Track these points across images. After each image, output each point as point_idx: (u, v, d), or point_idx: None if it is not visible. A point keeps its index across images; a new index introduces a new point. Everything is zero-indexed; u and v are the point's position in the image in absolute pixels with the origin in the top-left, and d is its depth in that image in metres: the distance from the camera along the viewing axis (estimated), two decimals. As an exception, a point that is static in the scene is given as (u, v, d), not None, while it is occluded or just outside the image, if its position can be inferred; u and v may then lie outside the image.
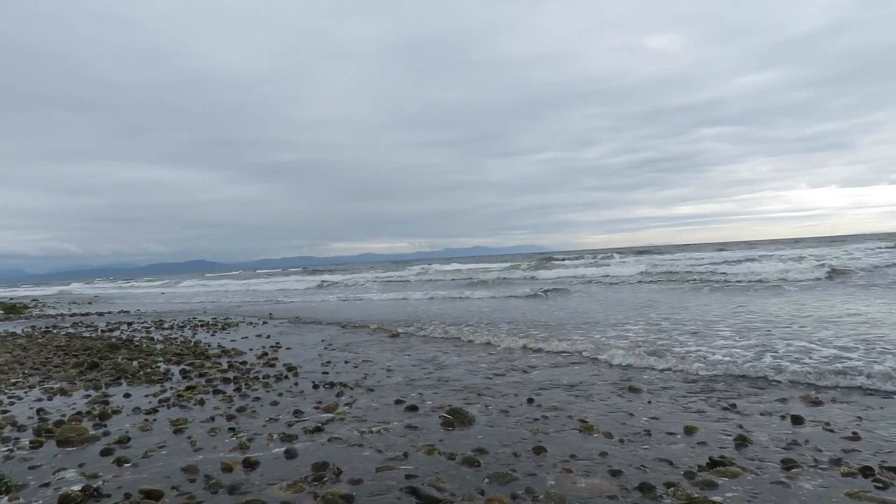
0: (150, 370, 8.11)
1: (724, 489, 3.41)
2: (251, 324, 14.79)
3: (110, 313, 21.80)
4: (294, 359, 8.78)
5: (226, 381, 7.16)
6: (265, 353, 9.43)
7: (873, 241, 40.60)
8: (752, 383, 5.97)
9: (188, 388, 6.69)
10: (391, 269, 51.96)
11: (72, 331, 14.92)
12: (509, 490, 3.47)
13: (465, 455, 4.06)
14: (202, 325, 14.78)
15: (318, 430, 4.84)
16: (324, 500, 3.36)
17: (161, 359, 9.22)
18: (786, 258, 26.49)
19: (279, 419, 5.26)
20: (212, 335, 12.56)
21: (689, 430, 4.48)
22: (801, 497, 3.29)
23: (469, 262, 52.14)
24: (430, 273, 39.27)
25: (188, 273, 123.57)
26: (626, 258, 37.83)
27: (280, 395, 6.29)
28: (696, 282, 19.97)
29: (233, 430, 4.92)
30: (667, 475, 3.63)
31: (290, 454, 4.23)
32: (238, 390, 6.56)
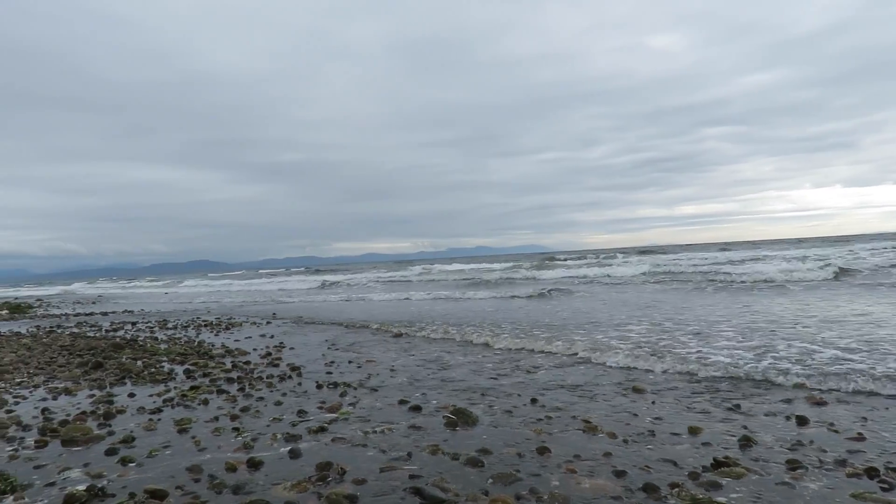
0: (154, 370, 8.13)
1: (729, 490, 3.40)
2: (255, 324, 14.81)
3: (114, 313, 21.87)
4: (298, 359, 8.80)
5: (230, 381, 7.17)
6: (269, 353, 9.45)
7: (878, 241, 40.49)
8: (757, 384, 5.95)
9: (192, 388, 6.71)
10: (394, 269, 51.98)
11: (76, 330, 14.97)
12: (513, 490, 3.47)
13: (468, 455, 4.06)
14: (206, 325, 14.81)
15: (322, 430, 4.84)
16: (328, 500, 3.37)
17: (165, 359, 9.25)
18: (790, 258, 26.42)
19: (283, 419, 5.27)
20: (215, 335, 12.59)
21: (693, 431, 4.48)
22: (805, 498, 3.28)
23: (472, 262, 52.14)
24: (433, 273, 39.28)
25: (191, 273, 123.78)
26: (629, 258, 37.79)
27: (284, 395, 6.30)
28: (699, 282, 19.94)
29: (237, 429, 4.93)
30: (671, 476, 3.62)
31: (294, 454, 4.24)
32: (242, 390, 6.58)
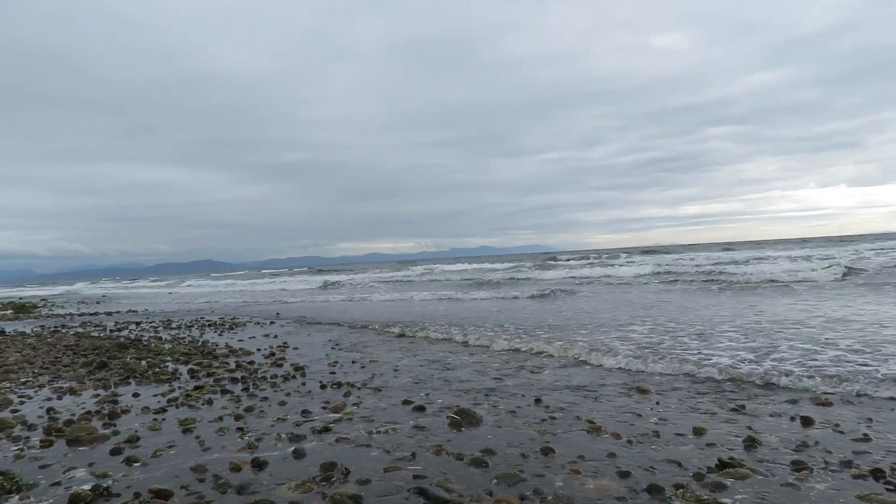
0: (158, 370, 8.15)
1: (734, 491, 3.39)
2: (258, 324, 14.84)
3: (118, 313, 21.93)
4: (301, 359, 8.81)
5: (234, 380, 7.19)
6: (273, 353, 9.46)
7: (883, 241, 40.33)
8: (761, 385, 5.92)
9: (196, 388, 6.72)
10: (397, 269, 52.00)
11: (80, 330, 15.02)
12: (517, 491, 3.47)
13: (473, 456, 4.06)
14: (210, 325, 14.84)
15: (326, 430, 4.85)
16: (332, 501, 3.37)
17: (169, 358, 9.27)
18: (794, 258, 26.34)
19: (287, 419, 5.27)
20: (219, 335, 12.62)
21: (697, 432, 4.46)
22: (811, 499, 3.27)
23: (475, 262, 52.13)
24: (436, 273, 39.28)
25: (194, 273, 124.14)
26: (633, 258, 37.72)
27: (288, 394, 6.31)
28: (703, 282, 19.89)
29: (241, 429, 4.94)
30: (675, 476, 3.62)
31: (298, 454, 4.24)
32: (246, 390, 6.59)
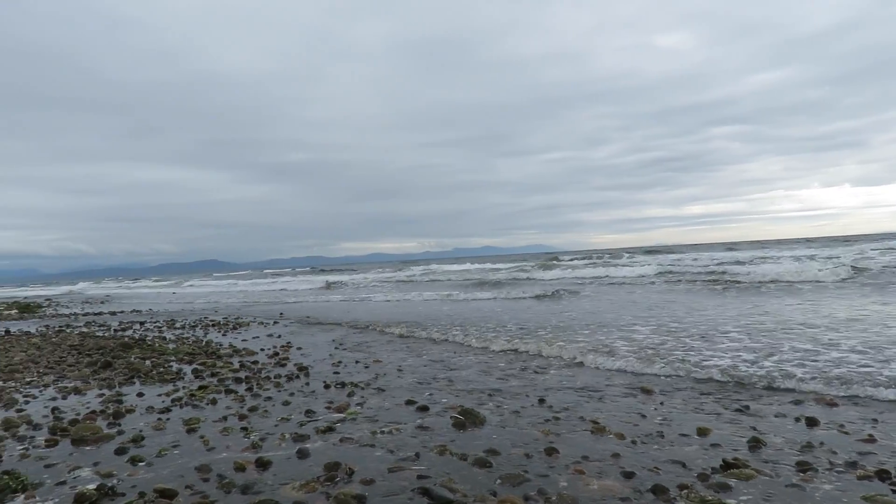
0: (162, 369, 8.17)
1: (738, 492, 3.38)
2: (262, 323, 14.87)
3: (122, 313, 22.00)
4: (305, 359, 8.82)
5: (237, 380, 7.20)
6: (276, 353, 9.48)
7: (888, 241, 40.18)
8: (766, 385, 5.91)
9: (200, 388, 6.73)
10: (400, 269, 52.03)
11: (85, 330, 15.07)
12: (521, 491, 3.47)
13: (477, 456, 4.06)
14: (213, 325, 14.87)
15: (330, 430, 4.85)
16: (336, 501, 3.37)
17: (173, 358, 9.29)
18: (798, 258, 26.25)
19: (291, 419, 5.28)
20: (223, 335, 12.64)
21: (702, 432, 4.45)
22: (816, 500, 3.26)
23: (478, 263, 52.12)
24: (439, 273, 39.28)
25: (198, 273, 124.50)
26: (636, 258, 37.65)
27: (292, 394, 6.32)
28: (707, 282, 19.84)
29: (245, 429, 4.95)
30: (680, 477, 3.61)
31: (302, 454, 4.24)
32: (250, 390, 6.60)
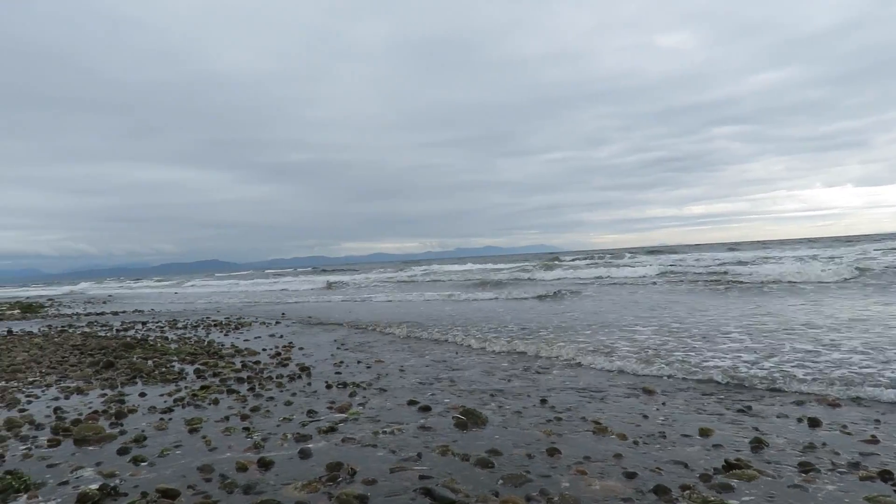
0: (164, 369, 8.19)
1: (741, 492, 3.38)
2: (264, 324, 14.88)
3: (125, 312, 22.03)
4: (307, 359, 8.83)
5: (239, 380, 7.21)
6: (278, 353, 9.48)
7: (890, 241, 40.10)
8: (768, 386, 5.90)
9: (202, 388, 6.74)
10: (402, 269, 52.04)
11: (87, 330, 15.09)
12: (523, 492, 3.47)
13: (479, 456, 4.06)
14: (215, 325, 14.89)
15: (332, 430, 4.86)
16: (338, 501, 3.37)
17: (175, 358, 9.30)
18: (801, 258, 26.22)
19: (293, 419, 5.29)
20: (225, 335, 12.66)
21: (704, 433, 4.45)
22: (818, 500, 3.25)
23: (480, 263, 52.12)
24: (441, 273, 39.30)
25: (199, 273, 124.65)
26: (638, 258, 37.64)
27: (293, 394, 6.33)
28: (709, 282, 19.82)
29: (247, 429, 4.95)
30: (682, 478, 3.61)
31: (304, 454, 4.25)
32: (252, 390, 6.61)
